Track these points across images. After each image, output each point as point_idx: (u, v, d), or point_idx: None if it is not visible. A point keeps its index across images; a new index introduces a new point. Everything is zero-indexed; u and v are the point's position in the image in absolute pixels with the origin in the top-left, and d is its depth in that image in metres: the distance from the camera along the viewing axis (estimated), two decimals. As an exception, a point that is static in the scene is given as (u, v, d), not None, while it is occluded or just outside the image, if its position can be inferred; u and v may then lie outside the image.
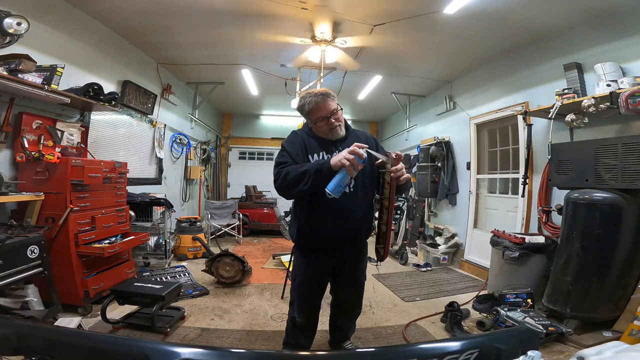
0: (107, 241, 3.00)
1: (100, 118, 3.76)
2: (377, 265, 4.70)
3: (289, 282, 2.86)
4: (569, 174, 2.81)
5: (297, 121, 5.60)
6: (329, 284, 2.07)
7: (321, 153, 1.79)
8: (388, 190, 1.63)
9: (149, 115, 4.73)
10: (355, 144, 1.53)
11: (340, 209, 1.73)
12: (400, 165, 1.61)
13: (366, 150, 1.53)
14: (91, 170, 2.84)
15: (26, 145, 2.67)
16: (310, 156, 1.78)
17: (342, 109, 1.81)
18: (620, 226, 2.42)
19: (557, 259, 2.77)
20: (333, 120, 1.75)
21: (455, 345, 0.72)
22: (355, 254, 1.99)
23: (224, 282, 3.60)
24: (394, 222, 6.14)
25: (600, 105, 2.64)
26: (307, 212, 1.80)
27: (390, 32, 3.67)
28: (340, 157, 1.52)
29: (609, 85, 2.65)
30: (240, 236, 6.03)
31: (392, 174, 1.59)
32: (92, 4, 3.27)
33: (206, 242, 4.87)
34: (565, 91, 3.00)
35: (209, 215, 6.02)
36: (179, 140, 5.83)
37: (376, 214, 1.75)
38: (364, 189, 1.80)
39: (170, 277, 3.68)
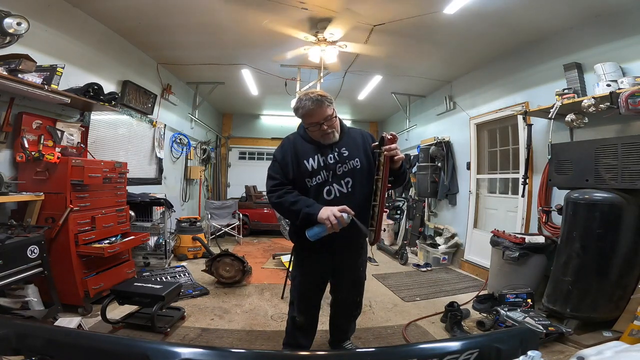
0: (107, 241, 3.00)
1: (100, 118, 3.76)
2: (373, 262, 4.71)
3: (288, 282, 2.86)
4: (569, 174, 2.80)
5: (297, 121, 5.54)
6: (329, 283, 2.07)
7: (316, 156, 1.79)
8: (382, 171, 1.65)
9: (149, 115, 4.73)
10: (345, 207, 1.61)
11: None
12: (394, 145, 1.64)
13: (352, 218, 1.60)
14: (91, 170, 2.84)
15: (26, 145, 2.67)
16: (305, 161, 1.78)
17: (336, 117, 1.80)
18: (620, 226, 2.42)
19: (557, 259, 2.77)
20: (325, 127, 1.75)
21: (455, 345, 0.72)
22: (354, 253, 1.99)
23: (224, 282, 3.60)
24: (394, 221, 6.16)
25: (600, 105, 2.63)
26: None
27: (390, 32, 3.67)
28: (326, 215, 1.59)
29: (609, 85, 2.65)
30: (240, 236, 6.03)
31: (385, 153, 1.63)
32: (92, 4, 3.27)
33: (206, 242, 4.86)
34: (565, 91, 3.00)
35: (209, 215, 6.01)
36: (179, 140, 5.83)
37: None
38: (362, 188, 1.79)
39: (170, 277, 3.68)
